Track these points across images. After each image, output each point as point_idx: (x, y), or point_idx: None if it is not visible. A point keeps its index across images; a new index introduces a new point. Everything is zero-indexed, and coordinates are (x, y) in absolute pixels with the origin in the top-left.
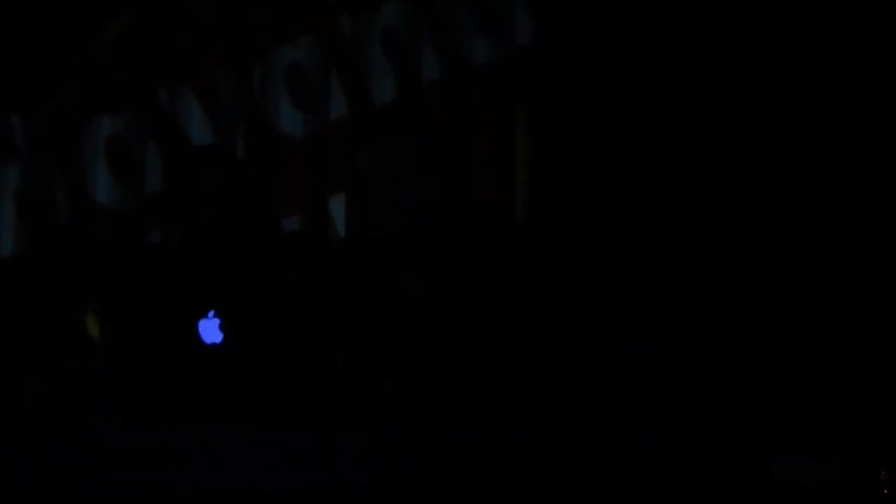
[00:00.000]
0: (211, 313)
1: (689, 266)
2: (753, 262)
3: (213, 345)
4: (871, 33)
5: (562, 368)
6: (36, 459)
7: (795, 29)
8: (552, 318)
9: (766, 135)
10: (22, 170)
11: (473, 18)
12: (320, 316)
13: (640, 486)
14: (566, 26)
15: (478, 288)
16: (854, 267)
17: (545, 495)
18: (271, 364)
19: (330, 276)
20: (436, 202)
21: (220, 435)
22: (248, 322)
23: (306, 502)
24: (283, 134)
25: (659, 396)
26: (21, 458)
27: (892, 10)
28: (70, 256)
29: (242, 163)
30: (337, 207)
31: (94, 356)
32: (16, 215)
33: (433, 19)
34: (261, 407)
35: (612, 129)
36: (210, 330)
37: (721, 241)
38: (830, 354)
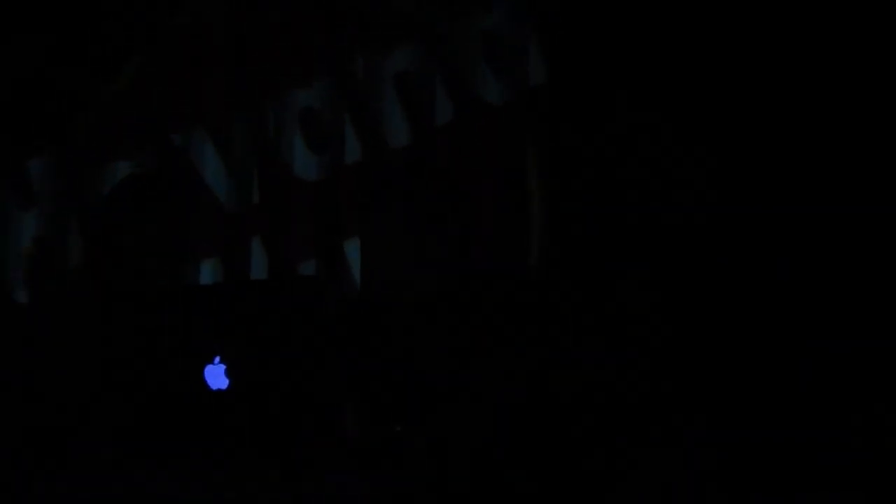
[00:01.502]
0: (217, 359)
1: (707, 320)
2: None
3: (219, 391)
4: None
5: (575, 420)
6: None
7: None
8: (563, 367)
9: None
10: (39, 215)
11: (485, 59)
12: (329, 362)
13: None
14: (578, 67)
15: (489, 337)
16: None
17: None
18: (277, 411)
19: (340, 323)
20: (448, 251)
21: (224, 481)
22: (255, 368)
23: None
24: (297, 177)
25: (674, 461)
26: None
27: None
28: (84, 301)
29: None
30: (353, 251)
31: (101, 399)
32: (33, 260)
33: (445, 62)
34: (266, 454)
35: (627, 169)
36: (216, 376)
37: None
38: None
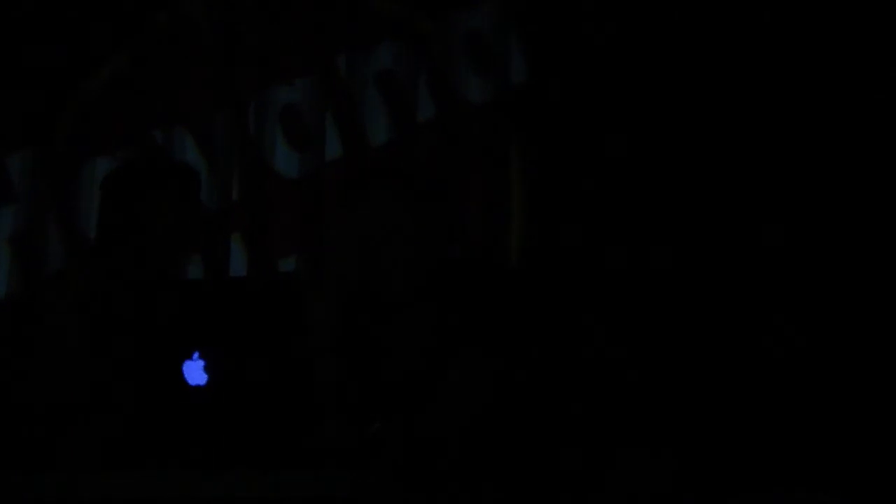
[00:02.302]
0: (196, 355)
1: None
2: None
3: (198, 387)
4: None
5: (554, 415)
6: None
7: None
8: (545, 363)
9: (763, 173)
10: (18, 211)
11: (467, 59)
12: (308, 357)
13: None
14: (560, 66)
15: (469, 332)
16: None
17: None
18: (257, 406)
19: (320, 318)
20: (429, 244)
21: (203, 479)
22: (234, 364)
23: None
24: (279, 174)
25: (649, 447)
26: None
27: None
28: (64, 298)
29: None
30: (332, 248)
31: (83, 397)
32: (11, 258)
33: (427, 60)
34: (245, 450)
35: (607, 169)
36: (195, 372)
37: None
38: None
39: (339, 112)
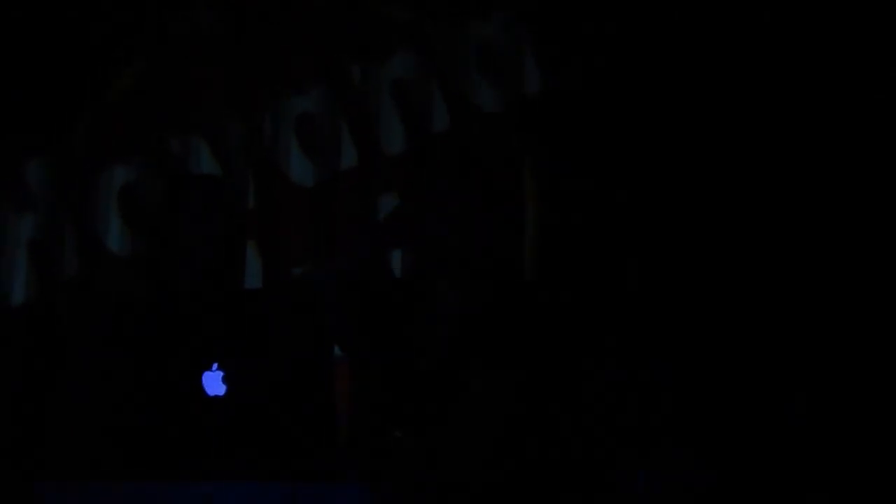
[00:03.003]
0: (215, 366)
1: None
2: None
3: (217, 397)
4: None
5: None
6: None
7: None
8: (562, 380)
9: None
10: (36, 219)
11: (480, 67)
12: (327, 367)
13: None
14: (573, 75)
15: (488, 347)
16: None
17: None
18: (275, 417)
19: (338, 326)
20: (448, 253)
21: (221, 489)
22: (253, 374)
23: None
24: (294, 183)
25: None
26: None
27: None
28: (81, 305)
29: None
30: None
31: (100, 405)
32: (28, 264)
33: (440, 69)
34: (264, 460)
35: (619, 179)
36: (214, 382)
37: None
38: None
39: (354, 121)
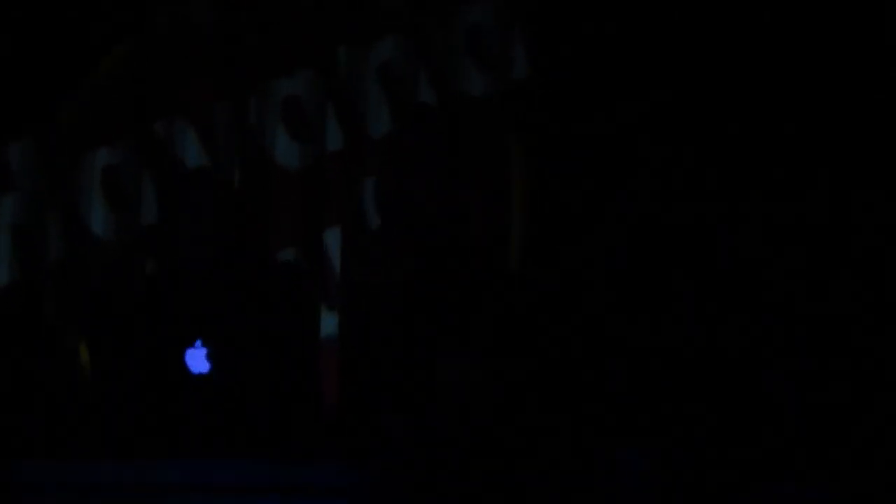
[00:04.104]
0: (198, 343)
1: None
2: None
3: (200, 374)
4: None
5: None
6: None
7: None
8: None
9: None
10: (18, 200)
11: (468, 52)
12: (310, 346)
13: None
14: (560, 60)
15: (469, 330)
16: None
17: None
18: (259, 395)
19: (320, 307)
20: (431, 234)
21: (205, 467)
22: (237, 352)
23: None
24: (280, 165)
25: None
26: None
27: None
28: (64, 286)
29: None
30: (332, 239)
31: (83, 385)
32: (11, 246)
33: (428, 53)
34: (247, 438)
35: (606, 161)
36: (197, 360)
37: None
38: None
39: (340, 103)
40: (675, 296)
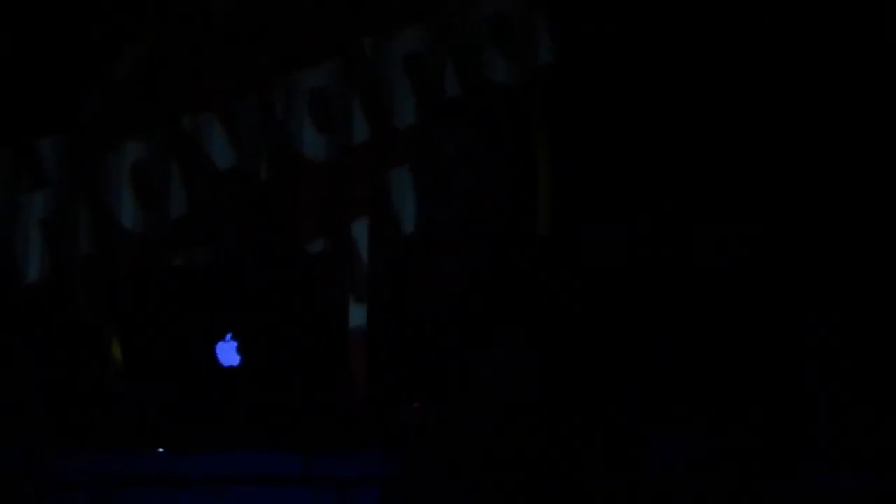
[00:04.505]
0: (229, 336)
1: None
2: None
3: (231, 367)
4: None
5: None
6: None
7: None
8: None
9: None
10: (48, 196)
11: (493, 41)
12: (340, 338)
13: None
14: (585, 48)
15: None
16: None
17: None
18: (289, 386)
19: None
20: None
21: (238, 459)
22: (267, 345)
23: None
24: (307, 157)
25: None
26: (36, 485)
27: None
28: (94, 281)
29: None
30: (360, 231)
31: (115, 379)
32: (42, 241)
33: (453, 43)
34: (278, 429)
35: (631, 151)
36: (228, 353)
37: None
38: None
39: (366, 94)
40: (701, 268)
